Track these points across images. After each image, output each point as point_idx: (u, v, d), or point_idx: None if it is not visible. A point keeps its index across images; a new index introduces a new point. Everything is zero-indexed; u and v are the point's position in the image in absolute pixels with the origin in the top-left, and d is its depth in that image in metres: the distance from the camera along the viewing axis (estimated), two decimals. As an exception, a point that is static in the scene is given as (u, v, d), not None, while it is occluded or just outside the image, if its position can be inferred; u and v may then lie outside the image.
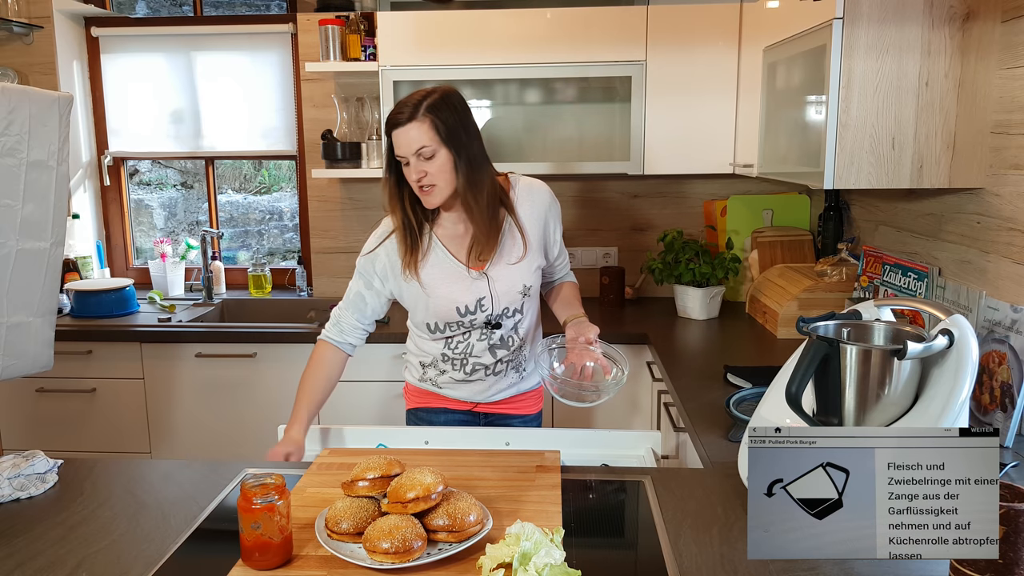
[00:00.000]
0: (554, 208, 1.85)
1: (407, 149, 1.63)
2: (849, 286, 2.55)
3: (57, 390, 2.92)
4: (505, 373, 1.88)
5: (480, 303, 1.76)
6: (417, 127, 1.61)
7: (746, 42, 2.73)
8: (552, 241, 1.87)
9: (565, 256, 1.99)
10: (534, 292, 1.84)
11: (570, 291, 1.98)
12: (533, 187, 1.83)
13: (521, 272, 1.79)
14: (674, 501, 1.38)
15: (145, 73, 3.41)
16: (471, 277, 1.76)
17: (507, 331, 1.82)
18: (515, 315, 1.81)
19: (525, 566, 1.07)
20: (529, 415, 1.98)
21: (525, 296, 1.80)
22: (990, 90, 1.85)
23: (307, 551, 1.21)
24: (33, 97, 1.88)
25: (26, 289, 1.93)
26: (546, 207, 1.82)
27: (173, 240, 3.60)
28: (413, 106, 1.62)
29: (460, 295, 1.76)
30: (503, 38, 2.80)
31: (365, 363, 2.81)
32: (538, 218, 1.81)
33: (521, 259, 1.78)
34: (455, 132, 1.64)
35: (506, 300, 1.78)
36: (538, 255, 1.83)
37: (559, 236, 1.90)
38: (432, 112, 1.62)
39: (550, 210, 1.84)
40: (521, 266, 1.79)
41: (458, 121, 1.65)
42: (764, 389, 1.50)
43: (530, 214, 1.80)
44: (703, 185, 3.28)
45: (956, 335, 1.23)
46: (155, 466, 1.57)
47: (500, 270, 1.77)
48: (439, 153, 1.63)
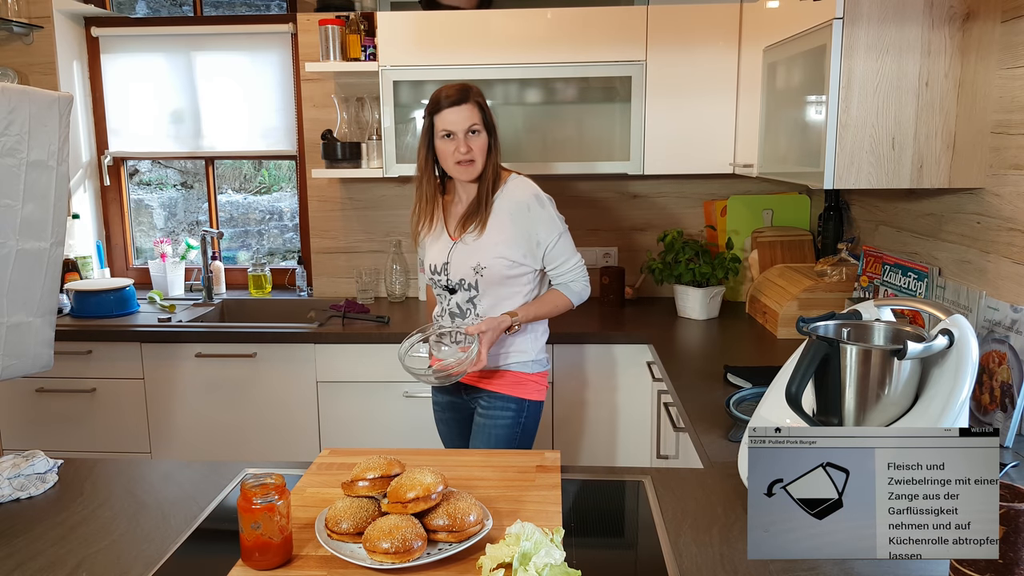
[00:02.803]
0: (536, 213, 2.00)
1: (461, 125, 1.95)
2: (849, 286, 2.55)
3: (57, 390, 2.92)
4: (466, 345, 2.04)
5: (446, 267, 2.05)
6: (470, 108, 1.96)
7: (746, 42, 2.73)
8: (536, 244, 2.02)
9: (565, 263, 2.07)
10: (492, 277, 2.01)
11: (546, 296, 2.10)
12: (518, 187, 2.03)
13: (480, 251, 2.00)
14: (674, 501, 1.38)
15: (145, 73, 3.41)
16: (446, 243, 2.07)
17: (463, 302, 2.05)
18: (470, 290, 2.04)
19: (525, 566, 1.07)
20: (498, 393, 2.08)
21: (478, 275, 2.01)
22: (990, 90, 1.85)
23: (307, 551, 1.21)
24: (33, 97, 1.88)
25: (26, 289, 1.93)
26: (519, 207, 2.00)
27: (173, 240, 3.60)
28: (463, 91, 1.97)
29: (436, 256, 2.08)
30: (503, 38, 2.80)
31: (365, 363, 2.81)
32: (509, 213, 2.01)
33: (484, 244, 2.00)
34: (491, 120, 2.02)
35: (461, 272, 2.03)
36: (512, 250, 2.00)
37: (546, 240, 2.02)
38: (479, 99, 1.99)
39: (528, 213, 2.00)
40: (480, 245, 2.00)
41: (491, 113, 2.02)
42: (764, 389, 1.50)
43: (503, 207, 2.02)
44: (703, 185, 3.28)
45: (956, 335, 1.23)
46: (155, 466, 1.57)
47: (465, 244, 2.03)
48: (482, 134, 1.98)
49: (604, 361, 2.77)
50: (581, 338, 2.74)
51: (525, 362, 2.10)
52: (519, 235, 2.01)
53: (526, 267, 2.04)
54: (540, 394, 2.13)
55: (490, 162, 2.01)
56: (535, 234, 2.01)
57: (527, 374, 2.10)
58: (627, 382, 2.78)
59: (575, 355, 2.75)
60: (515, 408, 2.08)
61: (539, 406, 2.14)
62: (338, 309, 3.03)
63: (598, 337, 2.76)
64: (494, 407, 2.09)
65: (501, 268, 2.01)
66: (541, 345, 2.14)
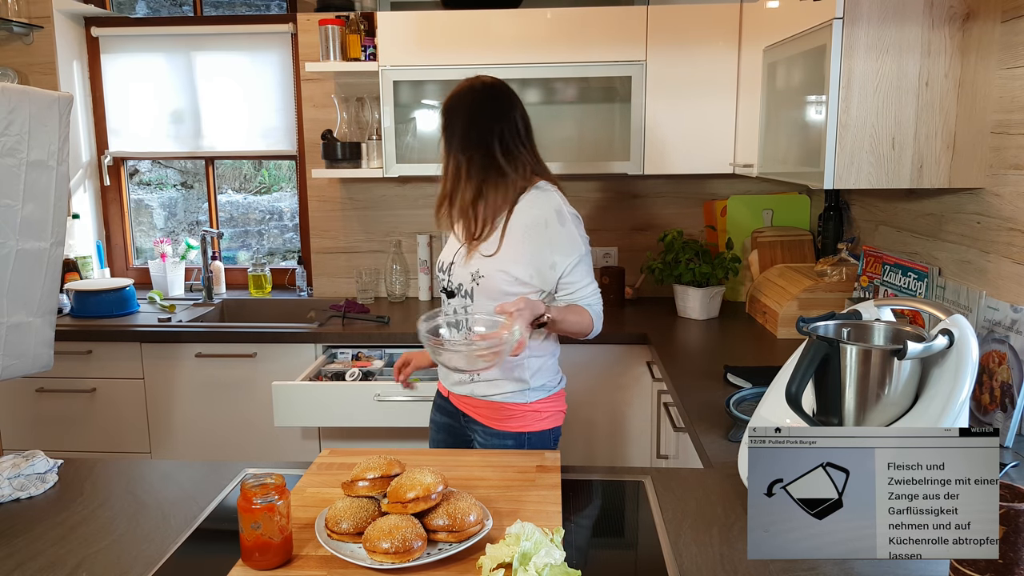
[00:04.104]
0: (554, 231, 1.77)
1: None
2: (849, 286, 2.55)
3: (57, 390, 2.92)
4: None
5: (450, 267, 1.89)
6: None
7: (746, 42, 2.73)
8: (550, 266, 1.79)
9: (582, 289, 1.83)
10: (487, 289, 1.80)
11: (573, 307, 1.84)
12: (538, 199, 1.81)
13: (483, 260, 1.80)
14: (674, 501, 1.38)
15: (145, 73, 3.41)
16: (457, 243, 1.90)
17: (458, 308, 1.86)
18: (466, 297, 1.85)
19: (525, 566, 1.07)
20: (492, 428, 1.87)
21: (475, 282, 1.82)
22: (990, 90, 1.85)
23: (307, 551, 1.21)
24: (33, 97, 1.88)
25: (26, 289, 1.93)
26: (536, 223, 1.78)
27: (173, 240, 3.60)
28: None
29: (445, 253, 1.94)
30: (503, 38, 2.80)
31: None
32: (524, 228, 1.78)
33: (492, 255, 1.80)
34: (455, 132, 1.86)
35: (460, 276, 1.86)
36: (519, 267, 1.78)
37: (563, 263, 1.79)
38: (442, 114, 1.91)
39: (544, 230, 1.77)
40: (486, 259, 1.80)
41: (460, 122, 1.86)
42: (764, 389, 1.50)
43: (518, 220, 1.80)
44: (703, 185, 3.28)
45: (956, 335, 1.23)
46: (155, 466, 1.57)
47: (474, 251, 1.83)
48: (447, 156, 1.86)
49: (604, 361, 2.77)
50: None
51: (515, 392, 1.85)
52: (531, 254, 1.77)
53: (530, 287, 1.80)
54: (545, 423, 1.89)
55: (469, 183, 1.77)
56: (550, 255, 1.77)
57: (523, 405, 1.85)
58: (627, 382, 2.77)
59: (575, 355, 2.75)
60: (513, 444, 1.86)
61: (546, 435, 1.89)
62: (338, 309, 3.03)
63: (598, 337, 2.74)
64: (491, 444, 1.88)
65: (499, 282, 1.79)
66: (540, 369, 1.89)
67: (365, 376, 2.67)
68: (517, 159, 1.81)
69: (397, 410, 2.57)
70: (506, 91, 1.87)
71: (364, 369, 2.69)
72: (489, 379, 1.85)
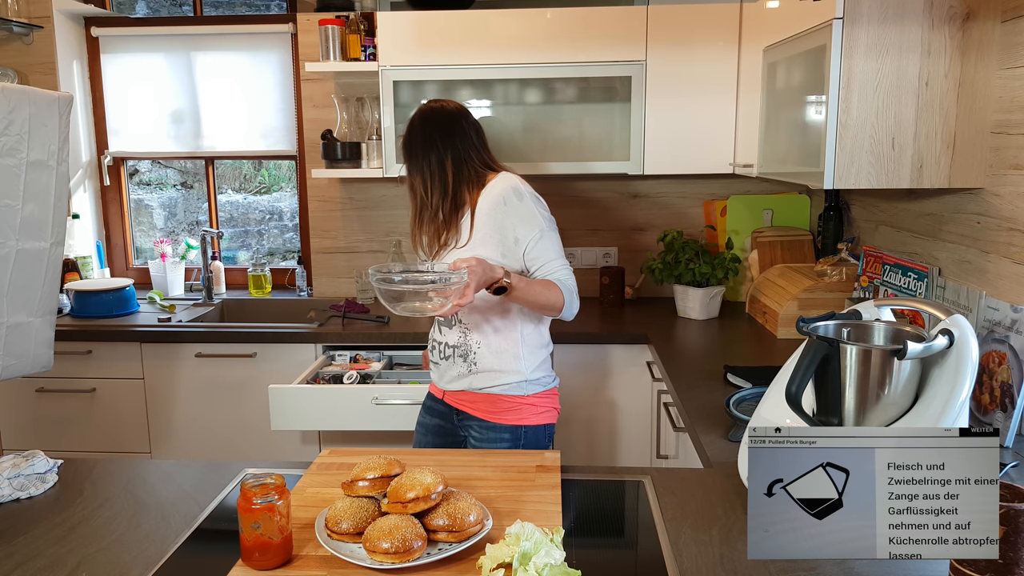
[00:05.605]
0: (513, 207, 1.84)
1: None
2: (849, 286, 2.55)
3: (57, 390, 2.92)
4: (453, 359, 1.94)
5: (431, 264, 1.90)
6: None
7: (746, 42, 2.73)
8: (514, 240, 1.84)
9: (550, 263, 1.86)
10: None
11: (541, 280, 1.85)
12: (498, 182, 1.90)
13: (457, 254, 1.87)
14: (674, 501, 1.38)
15: (145, 73, 3.41)
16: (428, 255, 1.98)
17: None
18: None
19: (525, 566, 1.07)
20: (489, 422, 1.91)
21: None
22: (990, 90, 1.85)
23: (307, 551, 1.21)
24: (33, 97, 1.88)
25: (26, 289, 1.93)
26: (496, 201, 1.86)
27: (173, 240, 3.60)
28: None
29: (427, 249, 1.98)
30: (503, 38, 2.80)
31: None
32: (487, 211, 1.87)
33: (464, 246, 1.88)
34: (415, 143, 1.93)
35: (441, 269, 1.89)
36: (487, 248, 1.86)
37: (525, 237, 1.84)
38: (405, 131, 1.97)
39: (504, 208, 1.85)
40: (459, 251, 1.88)
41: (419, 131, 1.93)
42: (764, 389, 1.50)
43: (483, 207, 1.89)
44: (703, 185, 3.28)
45: (956, 335, 1.23)
46: (155, 466, 1.57)
47: (449, 248, 1.92)
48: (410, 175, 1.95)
49: (604, 361, 2.77)
50: (581, 338, 2.74)
51: (512, 384, 1.90)
52: (494, 231, 1.85)
53: (506, 266, 1.81)
54: (541, 417, 1.93)
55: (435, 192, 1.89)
56: (511, 229, 1.84)
57: (520, 397, 1.90)
58: (627, 382, 2.78)
59: (575, 355, 2.75)
60: (510, 437, 1.90)
61: (540, 430, 1.94)
62: (338, 309, 3.03)
63: (598, 337, 2.76)
64: (487, 438, 1.91)
65: None
66: (537, 363, 1.93)
67: (363, 379, 2.66)
68: (472, 163, 1.92)
69: (395, 413, 2.56)
70: (451, 106, 1.97)
71: (362, 372, 2.69)
72: (486, 370, 1.91)
